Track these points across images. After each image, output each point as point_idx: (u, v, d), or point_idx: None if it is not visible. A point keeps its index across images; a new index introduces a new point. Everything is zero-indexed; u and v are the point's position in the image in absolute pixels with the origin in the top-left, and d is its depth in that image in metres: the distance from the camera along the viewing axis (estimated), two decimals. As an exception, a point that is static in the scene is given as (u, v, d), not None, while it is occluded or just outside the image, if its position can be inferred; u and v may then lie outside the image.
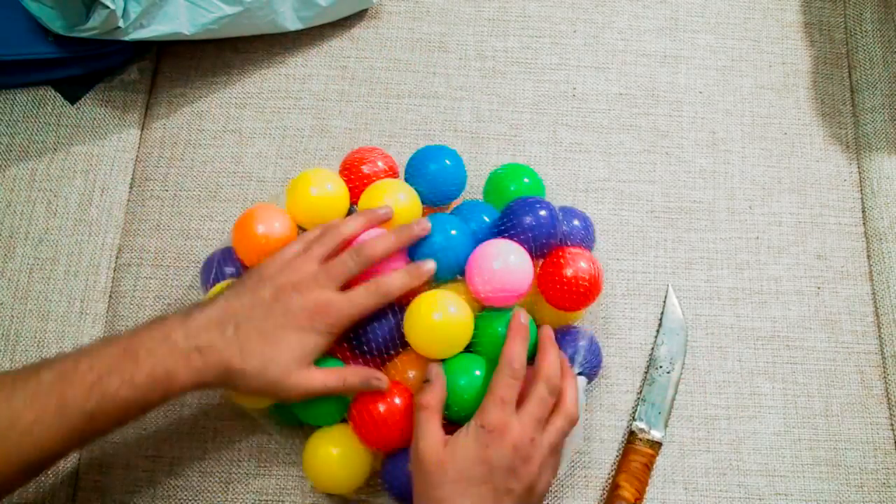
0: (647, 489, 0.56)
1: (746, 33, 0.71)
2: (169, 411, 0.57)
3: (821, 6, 0.73)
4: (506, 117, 0.67)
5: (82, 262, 0.61)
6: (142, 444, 0.57)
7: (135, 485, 0.56)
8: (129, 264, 0.62)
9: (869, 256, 0.64)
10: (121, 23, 0.58)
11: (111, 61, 0.65)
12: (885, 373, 0.61)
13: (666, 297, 0.62)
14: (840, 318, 0.62)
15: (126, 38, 0.59)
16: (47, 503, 0.55)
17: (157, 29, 0.60)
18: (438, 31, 0.70)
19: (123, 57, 0.65)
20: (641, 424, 0.57)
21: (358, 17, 0.70)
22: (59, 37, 0.60)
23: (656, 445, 0.57)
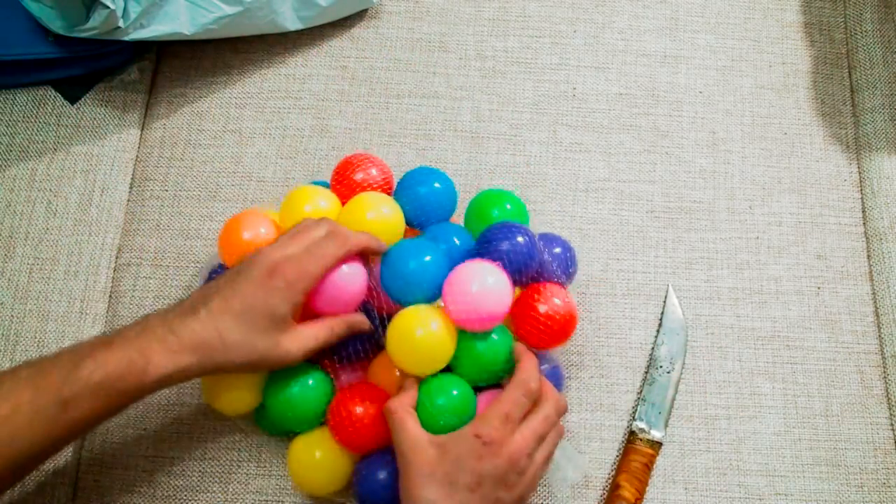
0: (647, 489, 0.56)
1: (746, 33, 0.71)
2: (169, 411, 0.57)
3: (821, 6, 0.73)
4: (506, 117, 0.67)
5: (82, 262, 0.61)
6: (142, 444, 0.57)
7: (135, 485, 0.56)
8: (129, 264, 0.62)
9: (869, 256, 0.64)
10: (121, 23, 0.58)
11: (111, 61, 0.65)
12: (885, 373, 0.61)
13: (666, 297, 0.62)
14: (840, 318, 0.62)
15: (126, 38, 0.59)
16: (47, 503, 0.55)
17: (157, 29, 0.60)
18: (438, 31, 0.70)
19: (123, 57, 0.65)
20: (642, 424, 0.57)
21: (358, 17, 0.70)
22: (59, 37, 0.60)
23: (656, 445, 0.57)
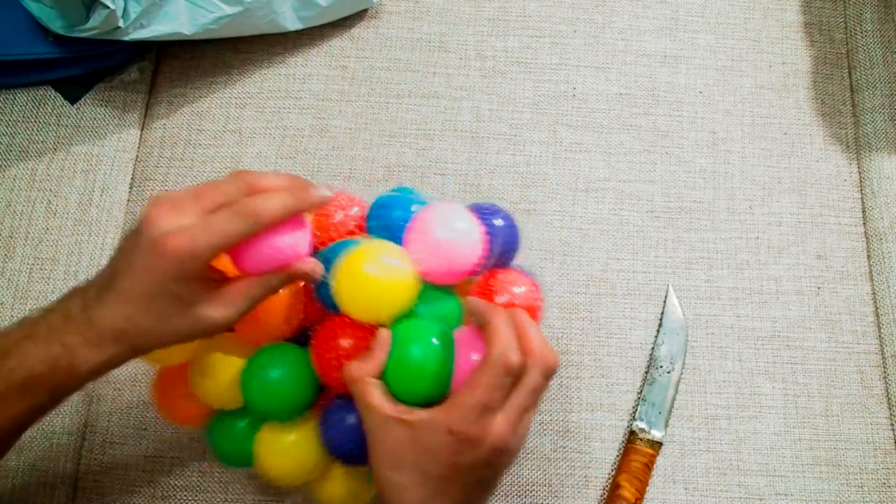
0: (647, 489, 0.56)
1: (746, 33, 0.71)
2: (169, 411, 0.57)
3: (821, 6, 0.73)
4: (506, 117, 0.67)
5: (82, 262, 0.61)
6: (142, 444, 0.57)
7: (135, 485, 0.56)
8: (129, 264, 0.62)
9: (869, 256, 0.64)
10: (121, 23, 0.58)
11: (111, 61, 0.65)
12: (885, 373, 0.61)
13: (666, 297, 0.62)
14: (840, 318, 0.62)
15: (126, 38, 0.59)
16: (47, 503, 0.55)
17: (157, 29, 0.60)
18: (438, 31, 0.70)
19: (123, 57, 0.65)
20: (642, 424, 0.57)
21: (358, 17, 0.70)
22: (59, 37, 0.60)
23: (657, 445, 0.57)
